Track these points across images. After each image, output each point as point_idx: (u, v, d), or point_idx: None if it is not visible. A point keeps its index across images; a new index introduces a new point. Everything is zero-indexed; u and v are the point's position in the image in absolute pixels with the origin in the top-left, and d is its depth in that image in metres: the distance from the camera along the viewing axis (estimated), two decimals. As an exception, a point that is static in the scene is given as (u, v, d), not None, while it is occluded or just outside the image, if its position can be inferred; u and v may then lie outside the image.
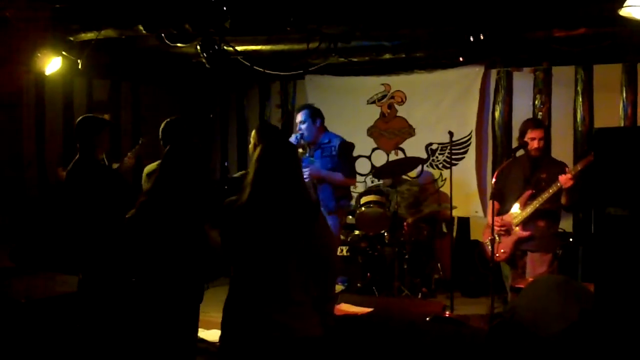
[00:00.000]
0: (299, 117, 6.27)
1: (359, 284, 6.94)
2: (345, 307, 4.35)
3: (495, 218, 5.50)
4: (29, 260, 6.48)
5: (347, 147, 6.43)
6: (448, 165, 7.58)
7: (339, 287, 6.65)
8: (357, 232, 7.20)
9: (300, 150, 6.06)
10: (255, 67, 6.56)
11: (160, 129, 5.32)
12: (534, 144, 5.44)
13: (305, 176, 5.96)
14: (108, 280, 4.70)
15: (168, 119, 5.38)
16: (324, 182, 6.15)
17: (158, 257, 3.44)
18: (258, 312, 3.04)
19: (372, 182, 8.26)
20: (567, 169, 5.29)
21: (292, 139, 6.08)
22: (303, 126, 6.19)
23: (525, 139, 5.48)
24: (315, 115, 6.26)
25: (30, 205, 7.08)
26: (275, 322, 3.02)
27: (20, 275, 5.97)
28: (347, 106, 8.54)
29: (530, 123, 5.63)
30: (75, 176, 4.95)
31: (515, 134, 7.24)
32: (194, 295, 3.56)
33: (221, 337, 3.19)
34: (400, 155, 8.25)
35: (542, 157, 5.55)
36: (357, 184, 8.41)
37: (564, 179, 5.23)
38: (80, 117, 5.18)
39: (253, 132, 5.78)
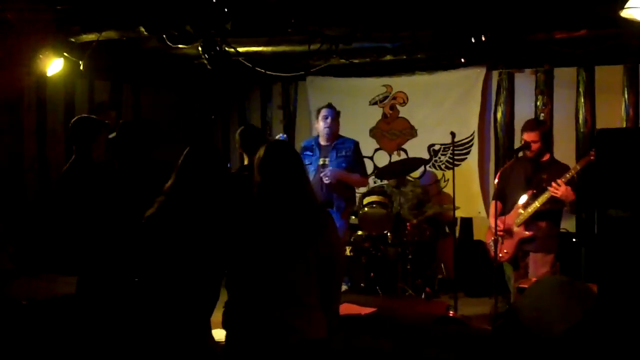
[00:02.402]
0: (324, 112, 6.38)
1: (362, 284, 6.94)
2: (348, 307, 4.35)
3: (498, 219, 5.50)
4: (30, 262, 6.48)
5: (359, 148, 6.56)
6: (450, 166, 7.59)
7: (342, 288, 6.67)
8: (360, 232, 7.19)
9: None
10: (256, 68, 6.56)
11: (237, 134, 5.65)
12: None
13: (326, 177, 6.07)
14: (106, 281, 4.69)
15: (243, 127, 5.71)
16: (340, 182, 6.22)
17: (177, 256, 3.40)
18: (267, 314, 3.04)
19: (375, 182, 8.26)
20: (558, 180, 5.26)
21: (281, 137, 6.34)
22: (327, 121, 6.33)
23: (526, 141, 5.50)
24: (339, 115, 6.46)
25: (31, 206, 7.08)
26: (283, 324, 3.03)
27: (22, 276, 5.98)
28: (349, 107, 8.51)
29: (524, 125, 5.64)
30: (71, 177, 4.94)
31: (517, 135, 7.26)
32: (210, 296, 3.51)
33: (227, 338, 3.18)
34: (403, 156, 8.24)
35: (539, 158, 5.54)
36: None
37: (553, 188, 5.24)
38: (76, 118, 5.16)
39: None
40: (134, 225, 3.56)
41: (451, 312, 5.55)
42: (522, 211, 5.47)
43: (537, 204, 5.39)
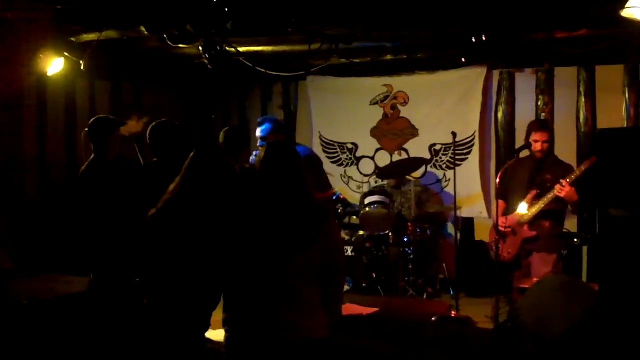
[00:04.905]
0: (260, 132, 5.63)
1: (364, 284, 6.95)
2: (350, 307, 4.35)
3: (500, 218, 5.49)
4: (30, 262, 6.48)
5: (314, 160, 5.94)
6: (452, 166, 7.58)
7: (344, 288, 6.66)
8: (361, 233, 7.20)
9: None
10: (257, 68, 6.55)
11: (222, 134, 5.21)
12: (538, 147, 5.45)
13: None
14: (120, 281, 4.72)
15: (227, 128, 5.29)
16: None
17: (178, 257, 3.39)
18: (270, 312, 3.05)
19: (376, 182, 8.26)
20: (562, 181, 5.26)
21: (252, 158, 5.28)
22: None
23: (530, 141, 5.49)
24: (280, 130, 5.71)
25: (31, 206, 7.08)
26: (286, 322, 3.04)
27: (22, 276, 5.97)
28: (349, 107, 8.54)
29: (534, 125, 5.63)
30: (89, 177, 4.99)
31: (519, 134, 7.26)
32: (210, 298, 3.50)
33: (229, 337, 3.18)
34: (404, 156, 8.23)
35: (546, 158, 5.54)
36: (362, 184, 8.43)
37: (558, 189, 5.24)
38: (93, 118, 5.22)
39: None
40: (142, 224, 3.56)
41: (453, 312, 5.55)
42: (527, 211, 5.46)
43: (540, 204, 5.39)
